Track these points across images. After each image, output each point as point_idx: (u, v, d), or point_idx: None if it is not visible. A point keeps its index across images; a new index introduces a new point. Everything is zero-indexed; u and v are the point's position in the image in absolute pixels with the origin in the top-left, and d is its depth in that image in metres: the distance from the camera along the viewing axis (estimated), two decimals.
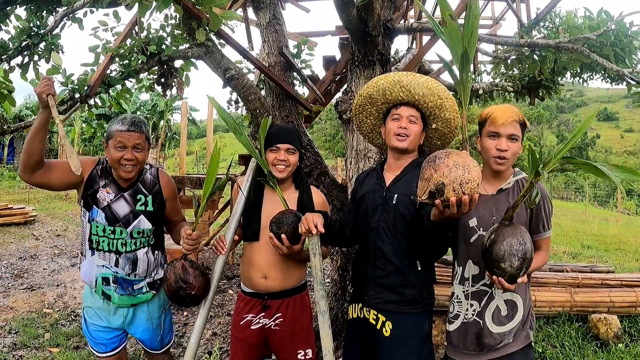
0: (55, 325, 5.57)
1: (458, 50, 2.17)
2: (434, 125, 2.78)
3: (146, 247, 2.96)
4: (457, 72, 2.26)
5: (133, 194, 2.90)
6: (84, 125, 33.90)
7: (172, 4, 3.02)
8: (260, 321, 2.92)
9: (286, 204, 2.80)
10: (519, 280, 2.17)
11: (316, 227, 2.53)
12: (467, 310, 2.60)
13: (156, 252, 3.04)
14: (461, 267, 2.66)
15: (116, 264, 2.87)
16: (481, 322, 2.54)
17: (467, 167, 2.02)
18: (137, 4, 3.29)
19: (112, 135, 2.78)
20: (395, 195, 2.65)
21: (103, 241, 2.85)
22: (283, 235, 2.65)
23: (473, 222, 2.58)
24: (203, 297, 2.81)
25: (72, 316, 5.88)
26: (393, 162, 2.79)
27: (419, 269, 2.65)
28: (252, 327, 2.93)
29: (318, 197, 3.06)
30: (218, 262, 2.97)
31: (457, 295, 2.67)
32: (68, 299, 6.45)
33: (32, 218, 12.80)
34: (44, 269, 8.23)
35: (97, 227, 2.84)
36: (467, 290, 2.62)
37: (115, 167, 2.80)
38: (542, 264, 2.57)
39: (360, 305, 2.76)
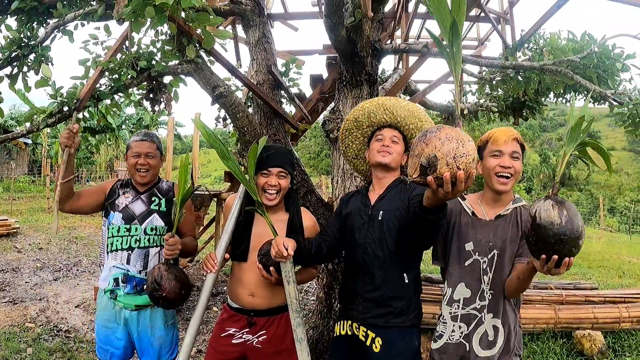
0: (37, 340, 5.51)
1: (446, 22, 1.98)
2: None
3: (158, 247, 3.19)
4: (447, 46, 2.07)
5: (149, 196, 3.24)
6: None
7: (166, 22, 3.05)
8: (243, 337, 2.91)
9: (275, 231, 2.75)
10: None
11: (287, 249, 2.53)
12: (453, 331, 2.62)
13: (162, 249, 3.14)
14: (451, 289, 2.66)
15: (127, 261, 3.10)
16: (467, 344, 2.58)
17: (461, 140, 1.85)
18: (128, 21, 3.32)
19: (129, 147, 3.22)
20: (381, 212, 2.74)
21: (117, 240, 3.12)
22: (272, 268, 2.68)
23: (469, 246, 2.60)
24: (177, 300, 2.88)
25: (55, 331, 5.82)
26: (376, 182, 2.90)
27: (406, 281, 2.69)
28: (233, 341, 2.91)
29: (308, 219, 3.05)
30: (208, 279, 2.97)
31: (444, 316, 2.68)
32: (51, 314, 6.38)
33: (15, 230, 12.63)
34: (26, 282, 8.13)
35: (113, 229, 3.14)
36: (455, 312, 2.63)
37: (132, 172, 3.20)
38: (520, 289, 2.51)
39: (349, 322, 2.81)
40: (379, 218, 2.74)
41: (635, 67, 4.76)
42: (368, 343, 2.67)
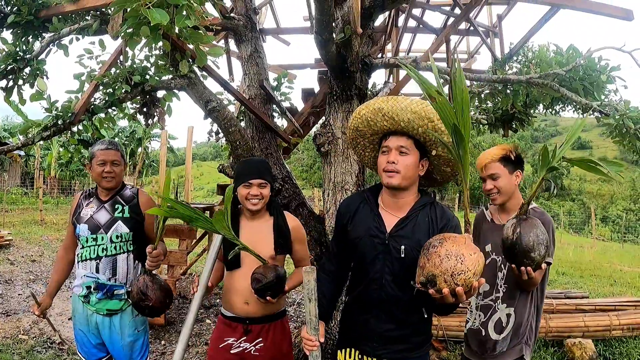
0: (31, 352, 5.51)
1: (449, 126, 2.01)
2: (433, 152, 2.43)
3: (126, 253, 3.28)
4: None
5: (112, 204, 3.30)
6: (61, 149, 33.63)
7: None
8: (241, 345, 2.96)
9: (262, 260, 2.77)
10: (543, 266, 2.39)
11: (317, 340, 2.34)
12: (475, 319, 3.07)
13: (137, 262, 3.31)
14: None
15: (97, 270, 3.18)
16: (484, 330, 2.99)
17: (461, 257, 1.92)
18: (124, 39, 3.39)
19: (94, 155, 3.27)
20: (403, 247, 2.34)
21: (86, 251, 3.21)
22: (268, 297, 2.72)
23: (488, 247, 3.02)
24: (162, 308, 2.95)
25: (48, 343, 5.82)
26: (390, 199, 2.49)
27: (426, 316, 2.47)
28: (231, 352, 2.97)
29: (292, 221, 3.12)
30: (195, 297, 3.05)
31: (471, 306, 3.16)
32: (44, 326, 6.37)
33: (7, 242, 12.57)
34: (19, 294, 8.11)
35: (82, 240, 3.22)
36: (477, 303, 3.07)
37: (98, 180, 3.26)
38: (537, 280, 2.79)
39: (358, 352, 2.53)
40: (402, 254, 2.34)
41: (621, 79, 4.86)
42: None
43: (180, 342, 3.02)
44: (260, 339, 2.96)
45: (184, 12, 2.91)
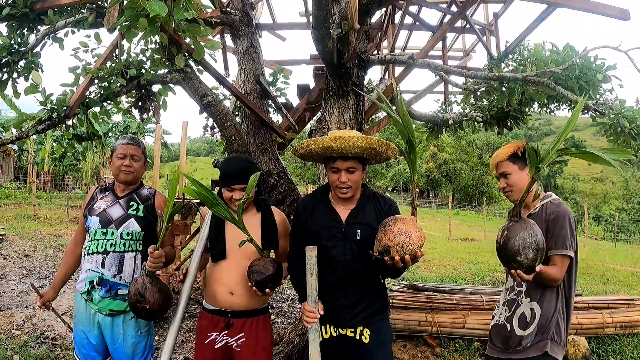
0: (24, 347, 5.49)
1: (405, 136, 2.63)
2: (373, 162, 3.07)
3: (134, 252, 3.22)
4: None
5: (127, 200, 3.28)
6: (54, 144, 33.48)
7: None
8: (224, 339, 2.98)
9: (249, 234, 2.81)
10: (537, 268, 2.44)
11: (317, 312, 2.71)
12: (500, 314, 3.09)
13: (144, 263, 3.16)
14: (506, 280, 3.14)
15: (102, 265, 3.11)
16: (509, 325, 2.98)
17: (409, 233, 2.49)
18: (121, 31, 3.36)
19: (115, 149, 3.29)
20: (359, 230, 2.88)
21: (94, 244, 3.15)
22: (268, 290, 2.81)
23: None
24: (160, 312, 2.93)
25: (42, 338, 5.80)
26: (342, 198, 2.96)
27: (382, 281, 3.03)
28: (216, 346, 2.98)
29: (278, 215, 3.17)
30: (184, 289, 3.09)
31: (499, 301, 3.19)
32: (37, 321, 6.35)
33: (1, 237, 12.53)
34: (12, 289, 8.07)
35: (91, 232, 3.18)
36: (505, 298, 3.10)
37: (116, 173, 3.26)
38: (555, 276, 2.77)
39: (333, 326, 2.93)
40: (358, 237, 2.87)
41: (616, 77, 4.87)
42: (357, 336, 2.89)
43: (170, 335, 3.03)
44: (243, 334, 2.98)
45: (182, 4, 2.90)
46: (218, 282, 3.00)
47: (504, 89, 5.56)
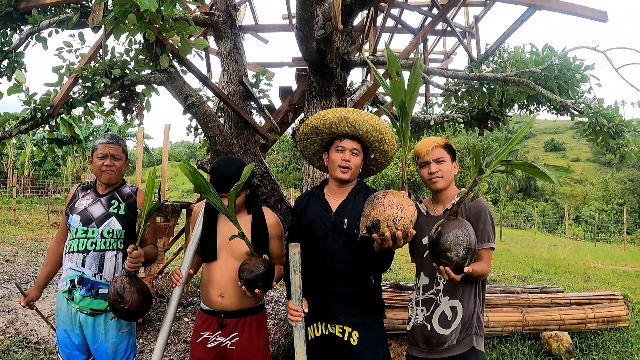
0: (7, 352, 5.43)
1: (398, 102, 2.48)
2: (372, 156, 3.05)
3: (115, 251, 3.18)
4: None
5: (109, 199, 3.25)
6: (34, 148, 33.14)
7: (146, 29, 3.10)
8: (217, 339, 2.97)
9: (241, 229, 2.79)
10: (466, 269, 2.37)
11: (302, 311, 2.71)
12: (417, 315, 2.99)
13: (125, 262, 3.10)
14: (417, 278, 3.05)
15: (83, 264, 3.09)
16: (429, 325, 2.89)
17: (401, 206, 2.32)
18: (110, 27, 3.35)
19: (96, 148, 3.26)
20: (346, 220, 2.87)
21: (75, 242, 3.12)
22: (257, 291, 2.76)
23: (425, 240, 2.87)
24: (139, 312, 2.92)
25: (24, 343, 5.75)
26: (336, 188, 3.02)
27: (373, 282, 2.94)
28: (208, 346, 2.97)
29: (271, 217, 3.12)
30: (175, 292, 3.07)
31: (412, 302, 3.08)
32: (19, 325, 6.29)
33: None
34: None
35: (71, 231, 3.16)
36: (417, 298, 3.00)
37: (98, 173, 3.24)
38: (483, 272, 2.76)
39: (323, 323, 2.93)
40: (345, 226, 2.86)
41: (595, 77, 4.96)
42: (345, 337, 2.85)
43: (161, 336, 3.03)
44: (236, 333, 2.96)
45: (170, 0, 2.91)
46: (209, 284, 2.99)
47: (484, 89, 5.65)
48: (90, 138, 33.81)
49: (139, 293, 2.89)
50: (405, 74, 2.65)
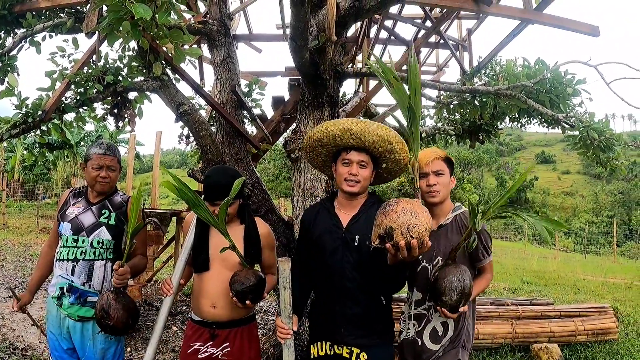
0: None
1: (405, 105, 2.43)
2: (384, 165, 2.85)
3: (104, 260, 3.17)
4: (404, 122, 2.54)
5: (100, 208, 3.22)
6: (25, 152, 32.89)
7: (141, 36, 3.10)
8: (208, 350, 2.94)
9: (232, 242, 2.75)
10: (461, 309, 2.47)
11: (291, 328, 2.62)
12: (408, 329, 2.98)
13: (114, 271, 3.09)
14: (410, 292, 3.03)
15: (72, 273, 3.08)
16: (419, 340, 2.90)
17: (415, 213, 2.20)
18: (104, 33, 3.35)
19: (90, 158, 3.19)
20: (357, 237, 2.70)
21: (65, 250, 3.12)
22: (248, 302, 2.72)
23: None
24: (125, 329, 2.91)
25: (11, 349, 5.68)
26: (345, 202, 2.85)
27: (384, 303, 2.80)
28: (199, 356, 2.94)
29: (263, 227, 3.11)
30: (165, 301, 3.05)
31: (404, 315, 3.07)
32: (7, 331, 6.23)
33: None
34: None
35: (62, 238, 3.15)
36: (409, 312, 3.00)
37: (92, 183, 3.20)
38: (486, 287, 2.91)
39: (329, 343, 2.80)
40: (356, 243, 2.70)
41: (586, 91, 5.00)
42: (353, 359, 2.72)
43: (151, 345, 3.00)
44: (227, 344, 2.95)
45: (165, 9, 2.91)
46: (202, 295, 2.96)
47: (476, 102, 5.67)
48: (82, 143, 33.58)
49: (125, 310, 2.88)
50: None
